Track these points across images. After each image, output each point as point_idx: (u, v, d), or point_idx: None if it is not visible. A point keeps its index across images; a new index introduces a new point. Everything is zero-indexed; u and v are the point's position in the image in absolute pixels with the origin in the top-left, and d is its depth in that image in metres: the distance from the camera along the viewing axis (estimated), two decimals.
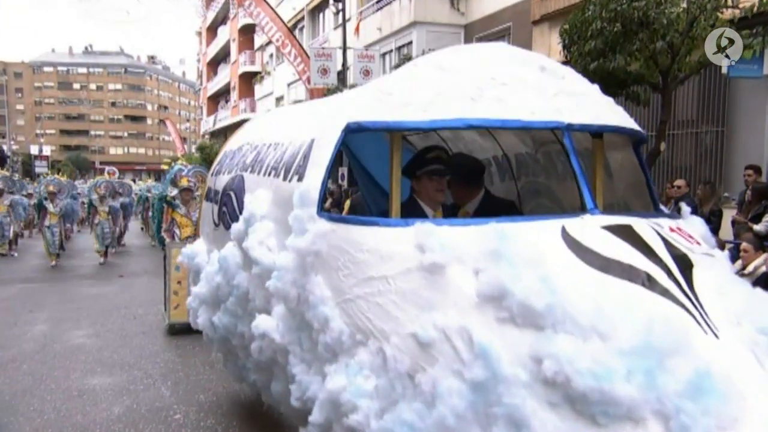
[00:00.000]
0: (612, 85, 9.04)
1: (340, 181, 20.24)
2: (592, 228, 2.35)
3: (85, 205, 15.98)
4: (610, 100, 3.03)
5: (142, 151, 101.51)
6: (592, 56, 8.79)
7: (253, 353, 3.14)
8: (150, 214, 17.30)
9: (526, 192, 4.18)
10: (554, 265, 2.15)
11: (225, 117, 47.85)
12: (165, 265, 7.70)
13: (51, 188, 14.08)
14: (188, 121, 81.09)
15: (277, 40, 22.37)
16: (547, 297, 2.02)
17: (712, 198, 8.59)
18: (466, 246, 2.29)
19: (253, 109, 40.89)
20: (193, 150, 55.71)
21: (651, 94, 9.82)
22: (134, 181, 70.58)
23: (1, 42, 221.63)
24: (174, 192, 8.06)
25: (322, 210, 2.77)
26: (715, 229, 7.87)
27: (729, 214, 8.67)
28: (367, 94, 2.99)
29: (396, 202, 2.86)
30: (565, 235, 2.30)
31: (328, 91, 18.91)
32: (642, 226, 2.41)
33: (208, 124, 54.56)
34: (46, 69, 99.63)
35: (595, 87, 3.05)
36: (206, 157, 36.36)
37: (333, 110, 3.19)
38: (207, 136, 58.92)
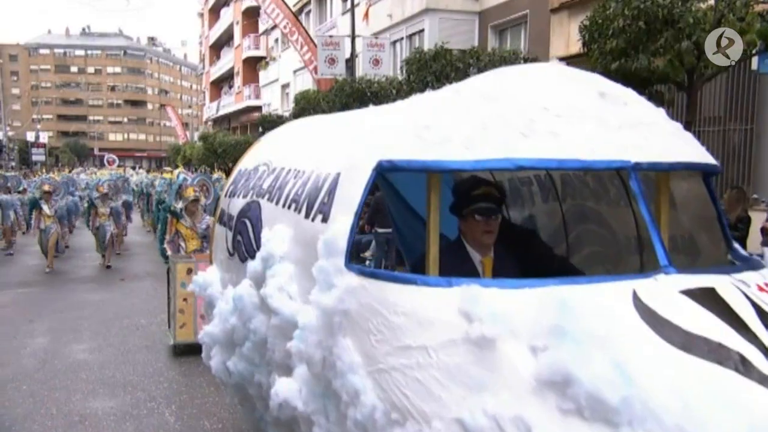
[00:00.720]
0: (634, 84, 8.93)
1: None
2: (668, 293, 2.10)
3: (85, 204, 15.10)
4: (677, 126, 2.78)
5: (142, 137, 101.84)
6: (613, 55, 8.70)
7: (272, 410, 2.93)
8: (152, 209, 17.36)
9: (571, 215, 3.93)
10: (628, 345, 1.91)
11: (228, 103, 47.86)
12: (168, 280, 7.55)
13: (46, 188, 13.64)
14: (190, 107, 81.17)
15: (284, 27, 22.26)
16: (623, 388, 1.79)
17: (740, 204, 8.49)
18: (520, 316, 2.07)
19: (257, 96, 40.87)
20: (196, 138, 55.84)
21: (676, 92, 9.72)
22: (134, 168, 71.02)
23: None
24: (180, 204, 7.96)
25: (350, 259, 2.53)
26: (742, 238, 7.79)
27: (758, 219, 8.56)
28: (402, 126, 2.73)
29: (433, 255, 2.63)
30: (638, 303, 2.05)
31: (336, 82, 18.88)
32: (727, 288, 2.15)
33: (211, 110, 54.60)
34: (43, 51, 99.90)
35: (661, 112, 2.80)
36: (209, 147, 36.45)
37: (362, 139, 2.93)
38: (210, 123, 59.01)
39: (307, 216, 2.93)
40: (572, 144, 2.41)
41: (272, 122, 24.84)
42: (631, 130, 2.54)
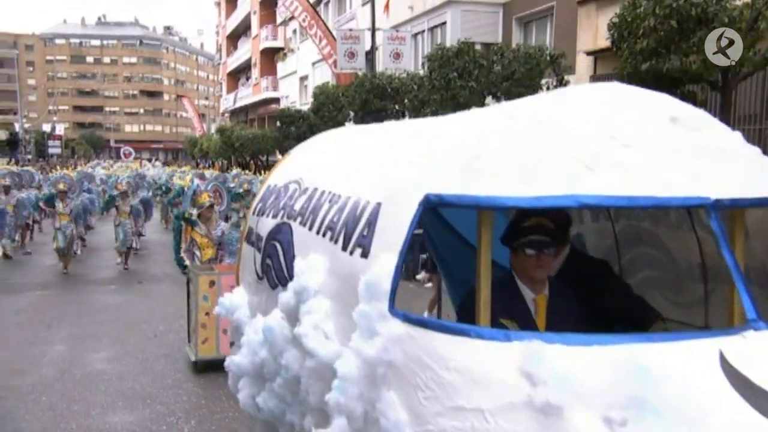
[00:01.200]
0: (666, 84, 8.84)
1: None
2: (760, 355, 1.90)
3: (102, 201, 14.77)
4: (756, 151, 2.56)
5: (158, 128, 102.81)
6: (644, 55, 8.60)
7: None
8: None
9: (625, 237, 3.73)
10: (718, 420, 1.73)
11: (246, 95, 48.09)
12: (188, 291, 7.41)
13: (61, 186, 13.41)
14: (207, 98, 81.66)
15: (303, 20, 22.28)
16: None
17: None
18: (592, 380, 1.87)
19: (275, 88, 41.01)
20: (213, 130, 56.22)
21: (709, 92, 9.59)
22: (150, 160, 71.70)
23: (11, 13, 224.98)
24: (194, 211, 7.98)
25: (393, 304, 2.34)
26: None
27: None
28: (449, 153, 2.51)
29: (485, 300, 2.44)
30: (726, 367, 1.86)
31: (356, 77, 18.87)
32: None
33: (228, 102, 54.91)
34: (58, 41, 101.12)
35: (737, 136, 2.58)
36: (226, 140, 36.67)
37: (404, 164, 2.71)
38: (227, 115, 59.38)
39: (344, 248, 2.74)
40: (643, 178, 2.20)
41: (290, 116, 24.94)
42: (708, 160, 2.33)
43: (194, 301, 7.14)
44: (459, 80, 12.86)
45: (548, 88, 12.85)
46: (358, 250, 2.63)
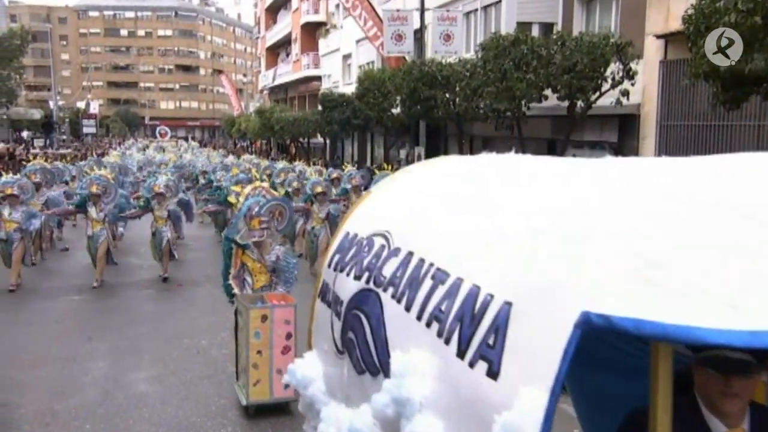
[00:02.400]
0: (747, 83, 8.59)
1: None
2: None
3: (139, 203, 13.89)
4: None
5: (194, 104, 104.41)
6: (724, 54, 8.34)
7: None
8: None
9: None
10: None
11: (286, 72, 48.33)
12: (236, 324, 7.22)
13: (95, 188, 12.49)
14: (245, 74, 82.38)
15: (347, 1, 22.22)
16: None
17: None
18: None
19: (317, 65, 41.11)
20: (251, 109, 56.82)
21: None
22: (186, 140, 72.82)
23: None
24: (244, 231, 7.37)
25: None
26: None
27: None
28: (612, 249, 1.87)
29: None
30: None
31: (405, 62, 18.80)
32: None
33: (267, 79, 55.30)
34: (92, 14, 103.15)
35: None
36: (265, 122, 37.06)
37: (544, 248, 2.07)
38: (265, 92, 59.87)
39: (460, 354, 2.21)
40: None
41: (333, 101, 24.99)
42: None
43: (244, 336, 6.81)
44: (515, 72, 12.69)
45: (613, 80, 12.57)
46: (482, 365, 2.09)
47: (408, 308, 2.59)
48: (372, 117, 22.30)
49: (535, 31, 17.39)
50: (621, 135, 15.39)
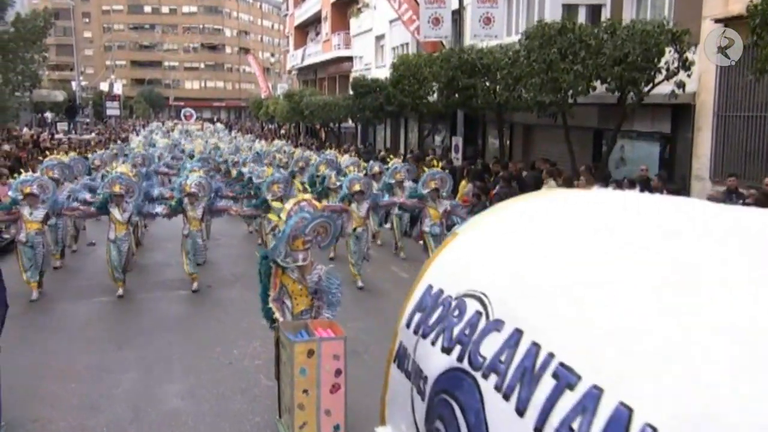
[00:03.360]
0: None
1: (453, 155, 20.07)
2: None
3: (170, 204, 12.97)
4: None
5: (220, 84, 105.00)
6: None
7: None
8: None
9: None
10: None
11: (315, 52, 48.28)
12: (276, 355, 6.84)
13: (117, 188, 11.80)
14: (272, 54, 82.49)
15: None
16: None
17: None
18: None
19: (348, 46, 40.99)
20: (279, 91, 56.95)
21: None
22: (212, 121, 73.27)
23: None
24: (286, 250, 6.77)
25: None
26: None
27: None
28: None
29: None
30: None
31: (442, 48, 18.63)
32: None
33: (295, 59, 55.30)
34: None
35: None
36: (294, 106, 37.13)
37: (719, 361, 1.47)
38: (294, 73, 59.92)
39: None
40: None
41: (366, 86, 24.90)
42: None
43: (287, 372, 6.38)
44: (562, 62, 12.47)
45: (667, 70, 12.29)
46: None
47: (521, 412, 1.95)
48: (407, 104, 22.15)
49: (582, 15, 17.09)
50: (674, 125, 15.08)
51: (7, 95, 31.02)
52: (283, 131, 51.90)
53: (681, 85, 12.12)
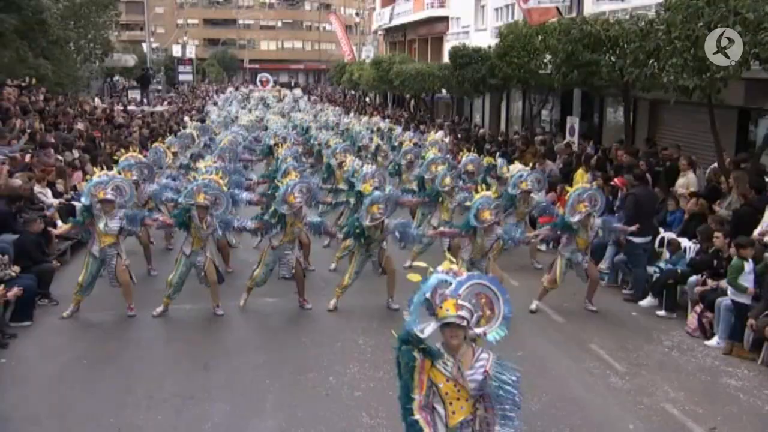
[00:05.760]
0: None
1: (569, 138, 19.22)
2: None
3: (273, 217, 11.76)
4: None
5: (299, 45, 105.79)
6: None
7: None
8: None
9: None
10: None
11: (405, 11, 47.88)
12: None
13: (201, 200, 10.90)
14: (356, 12, 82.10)
15: None
16: None
17: None
18: None
19: (442, 4, 40.46)
20: (363, 55, 56.67)
21: None
22: (290, 86, 73.82)
23: None
24: (429, 327, 5.00)
25: None
26: None
27: None
28: None
29: None
30: None
31: (560, 14, 17.80)
32: None
33: (382, 18, 54.96)
34: None
35: None
36: (383, 75, 36.74)
37: None
38: (380, 33, 59.55)
39: None
40: None
41: (467, 57, 24.28)
42: None
43: None
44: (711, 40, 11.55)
45: None
46: None
47: None
48: (513, 77, 21.45)
49: None
50: None
51: (79, 64, 31.90)
52: (367, 99, 51.75)
53: None
